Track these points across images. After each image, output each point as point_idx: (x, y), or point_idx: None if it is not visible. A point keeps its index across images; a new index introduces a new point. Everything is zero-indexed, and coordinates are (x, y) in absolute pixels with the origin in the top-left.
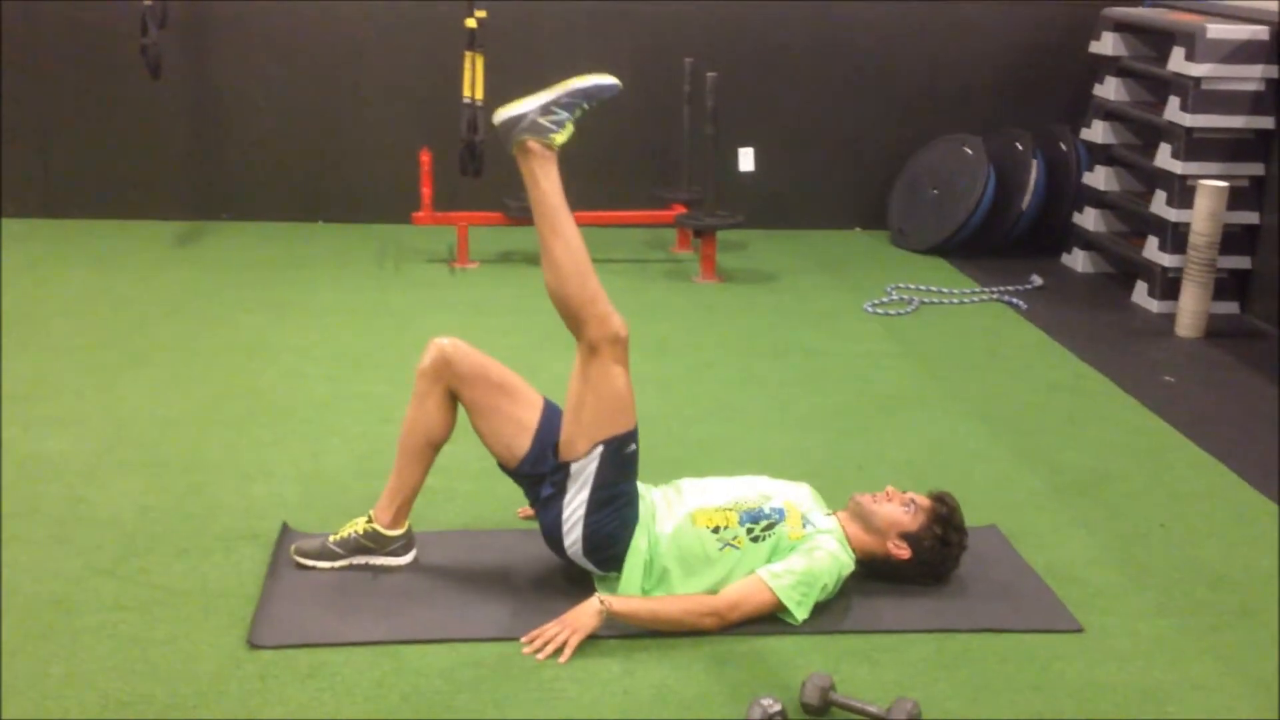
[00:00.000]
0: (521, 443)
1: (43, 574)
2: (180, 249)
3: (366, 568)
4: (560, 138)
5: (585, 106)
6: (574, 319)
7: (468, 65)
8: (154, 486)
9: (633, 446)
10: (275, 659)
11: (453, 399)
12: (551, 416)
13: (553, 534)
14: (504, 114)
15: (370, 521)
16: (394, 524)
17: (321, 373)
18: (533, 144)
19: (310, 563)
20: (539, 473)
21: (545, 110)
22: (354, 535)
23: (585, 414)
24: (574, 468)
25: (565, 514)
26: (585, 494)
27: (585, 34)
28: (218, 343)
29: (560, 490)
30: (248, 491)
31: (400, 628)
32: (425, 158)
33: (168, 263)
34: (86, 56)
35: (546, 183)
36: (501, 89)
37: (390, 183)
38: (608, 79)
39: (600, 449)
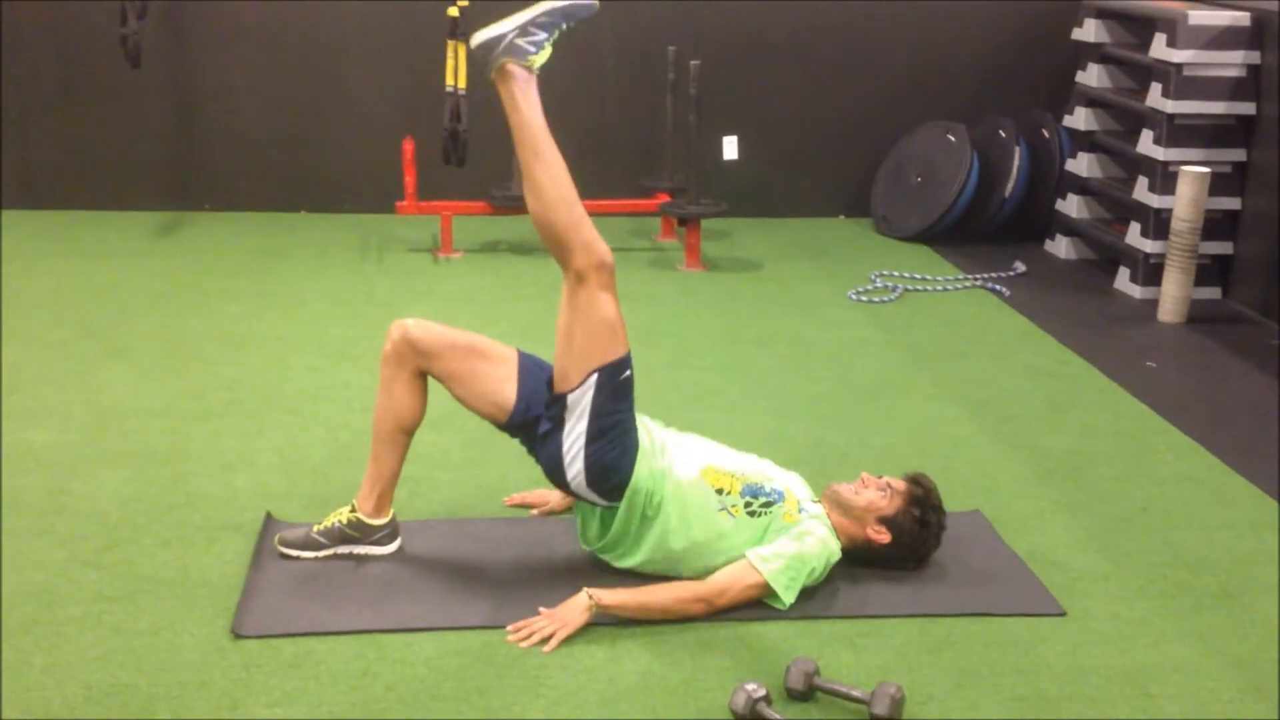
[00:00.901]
0: (507, 394)
1: (25, 565)
2: (161, 240)
3: (350, 557)
4: (539, 59)
5: (563, 27)
6: (559, 245)
7: (450, 54)
8: (136, 477)
9: (627, 373)
10: (259, 649)
11: (421, 380)
12: (529, 364)
13: (554, 468)
14: (481, 35)
15: (354, 511)
16: (377, 512)
17: (304, 363)
18: (511, 66)
19: (294, 552)
20: (533, 416)
21: (523, 31)
22: (338, 525)
23: (576, 343)
24: (570, 398)
25: (565, 445)
26: (584, 424)
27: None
28: (200, 333)
29: (558, 423)
30: (230, 482)
31: (384, 617)
32: (408, 146)
33: (149, 253)
34: (66, 47)
35: (526, 106)
36: (484, 78)
37: (373, 172)
38: None
39: (595, 376)
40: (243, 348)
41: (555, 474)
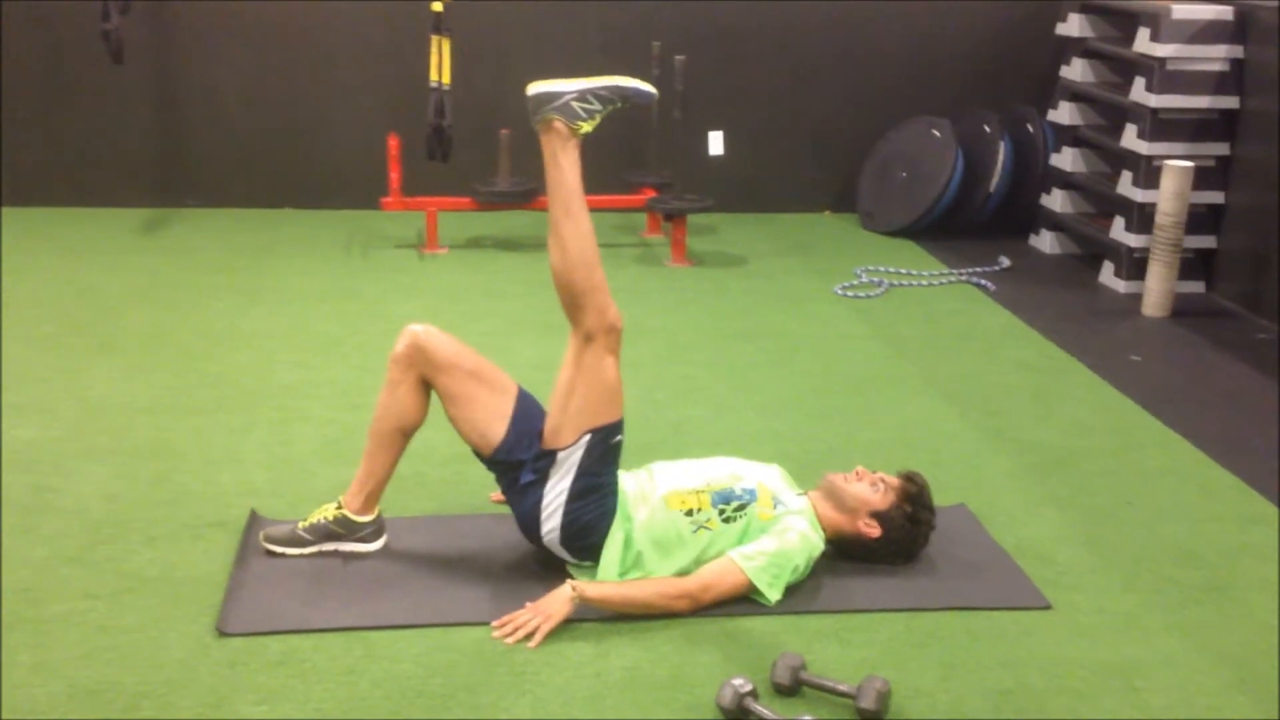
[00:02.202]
0: (497, 430)
1: (9, 562)
2: (145, 236)
3: (336, 554)
4: (587, 127)
5: (618, 105)
6: (574, 305)
7: (435, 49)
8: (121, 474)
9: (618, 438)
10: (245, 646)
11: (425, 386)
12: (526, 403)
13: (529, 521)
14: (539, 88)
15: (340, 508)
16: (364, 510)
17: (290, 359)
18: (559, 124)
19: (280, 549)
20: (515, 459)
21: (582, 96)
22: (323, 521)
23: (574, 402)
24: (560, 455)
25: (545, 501)
26: (567, 482)
27: (554, 17)
28: (184, 330)
29: (542, 477)
30: (216, 479)
31: (371, 614)
32: (393, 142)
33: (133, 250)
34: (49, 43)
35: (567, 163)
36: (468, 73)
37: (358, 168)
38: (648, 87)
39: (587, 438)
40: (228, 344)
41: (529, 526)
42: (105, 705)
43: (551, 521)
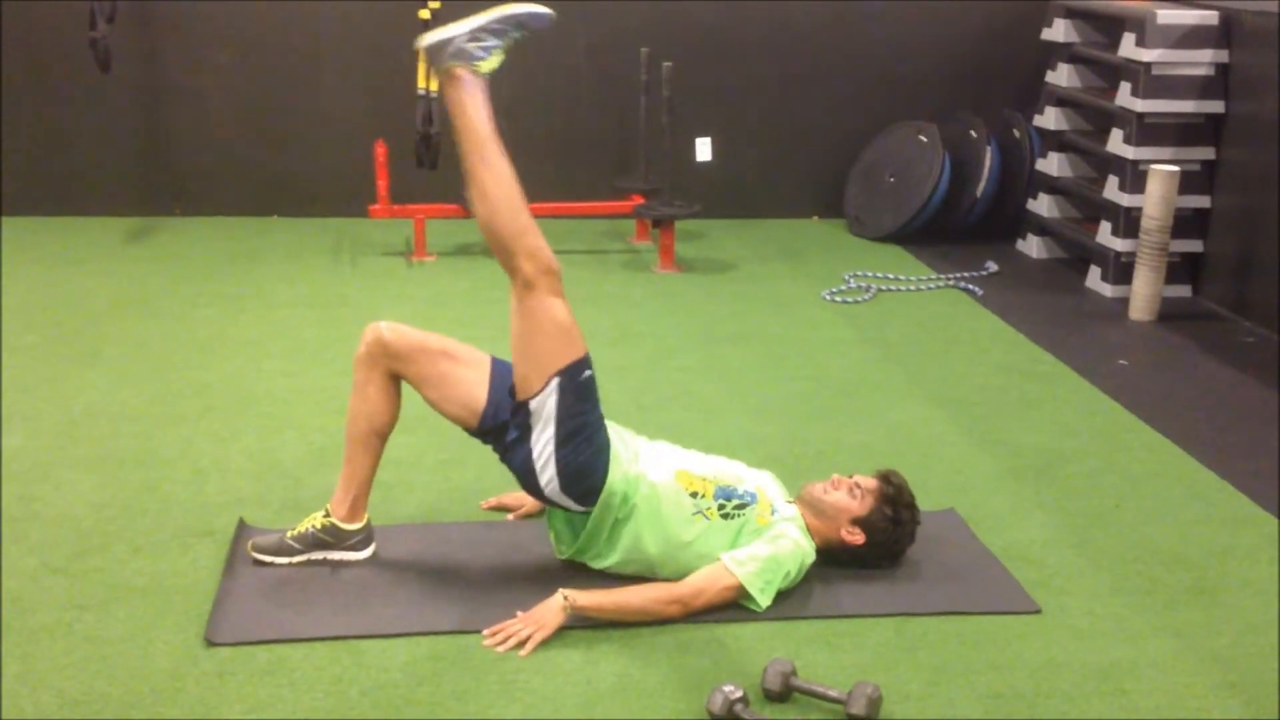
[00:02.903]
0: (478, 398)
1: None
2: (132, 245)
3: (325, 563)
4: (488, 65)
5: (516, 35)
6: (505, 252)
7: (422, 57)
8: (108, 483)
9: (588, 372)
10: (233, 655)
11: (394, 384)
12: (501, 369)
13: (527, 476)
14: (431, 37)
15: (328, 516)
16: (351, 517)
17: (277, 367)
18: (460, 70)
19: (268, 558)
20: (501, 421)
21: (474, 36)
22: (312, 530)
23: (533, 349)
24: (534, 404)
25: (535, 452)
26: (550, 430)
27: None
28: (171, 338)
29: (525, 431)
30: (203, 487)
31: (359, 623)
32: (381, 150)
33: (119, 259)
34: (35, 51)
35: (474, 110)
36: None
37: (345, 175)
38: (542, 8)
39: (556, 380)
40: (215, 352)
41: (528, 481)
42: (93, 715)
43: (548, 471)
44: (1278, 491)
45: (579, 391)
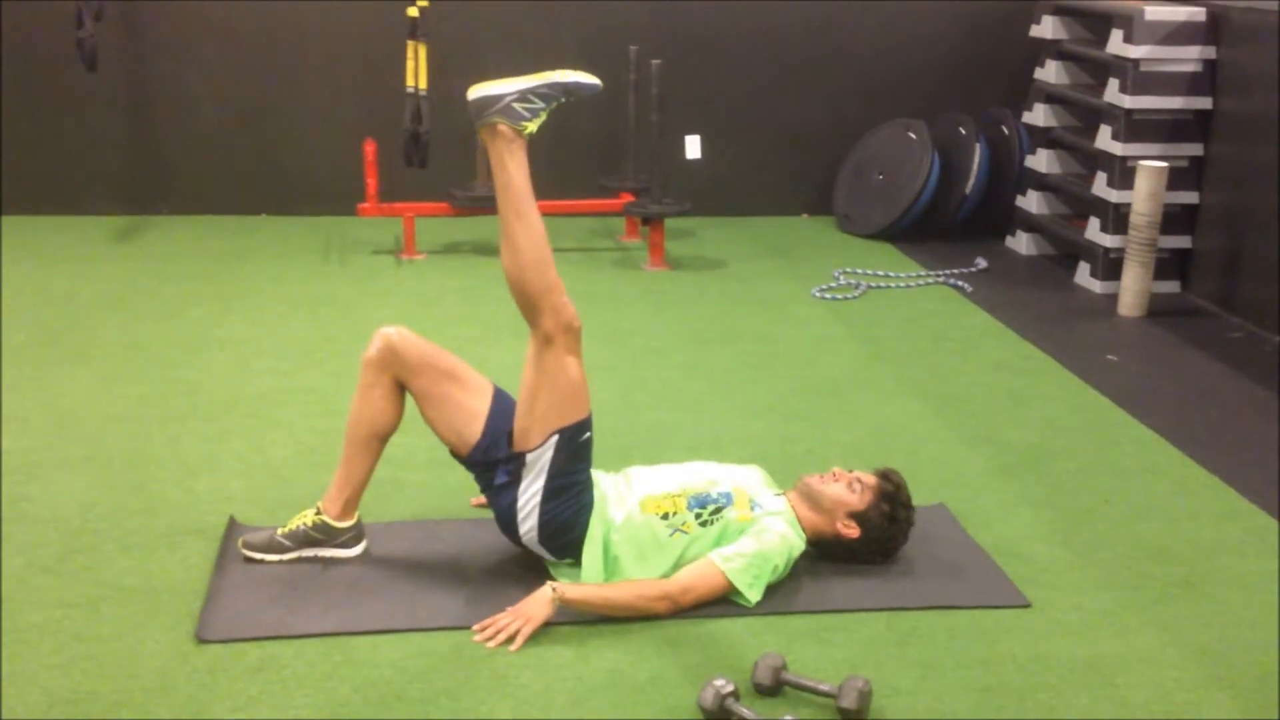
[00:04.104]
0: (473, 430)
1: None
2: (120, 244)
3: (315, 560)
4: (532, 126)
5: (563, 100)
6: (530, 307)
7: (411, 55)
8: (97, 483)
9: (587, 435)
10: (224, 653)
11: (400, 389)
12: (502, 402)
13: (507, 521)
14: (480, 91)
15: (319, 513)
16: (343, 515)
17: (266, 366)
18: (503, 127)
19: (258, 556)
20: (492, 459)
21: (523, 96)
22: (302, 527)
23: (539, 404)
24: (529, 457)
25: (520, 502)
26: (540, 483)
27: (530, 22)
28: (160, 337)
29: (515, 479)
30: (192, 486)
31: (350, 619)
32: (369, 148)
33: (107, 258)
34: (21, 50)
35: (514, 166)
36: (445, 78)
37: (334, 174)
38: (591, 79)
39: (555, 438)
40: (203, 352)
41: (508, 526)
42: (83, 714)
43: (529, 522)
44: (1278, 493)
45: (575, 452)
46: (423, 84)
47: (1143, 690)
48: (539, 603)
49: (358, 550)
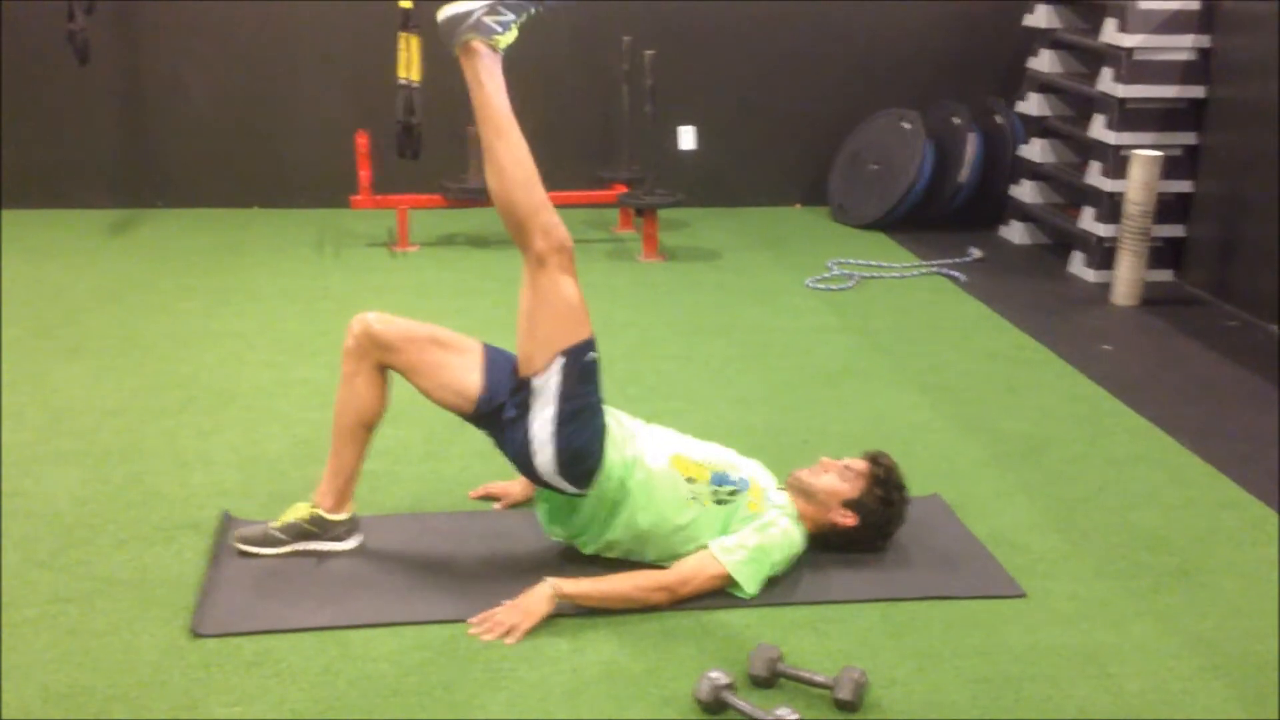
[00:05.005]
0: (473, 381)
1: None
2: (113, 238)
3: (310, 553)
4: (505, 39)
5: (532, 11)
6: (519, 228)
7: (403, 46)
8: (91, 477)
9: (592, 354)
10: (219, 647)
11: (382, 375)
12: (494, 356)
13: (522, 456)
14: (449, 10)
15: (314, 506)
16: (337, 508)
17: (260, 359)
18: (476, 44)
19: (253, 549)
20: (497, 403)
21: (492, 9)
22: (297, 521)
23: (540, 327)
24: (536, 383)
25: (533, 431)
26: (552, 409)
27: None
28: (154, 331)
29: (524, 409)
30: (187, 480)
31: (346, 613)
32: (362, 140)
33: (100, 251)
34: (12, 43)
35: (491, 85)
36: (437, 70)
37: (327, 166)
38: None
39: (561, 360)
40: (198, 345)
41: (523, 462)
42: (77, 709)
43: (545, 452)
44: (1278, 482)
45: (583, 373)
46: (415, 76)
47: (1138, 679)
48: (538, 599)
49: (352, 543)
